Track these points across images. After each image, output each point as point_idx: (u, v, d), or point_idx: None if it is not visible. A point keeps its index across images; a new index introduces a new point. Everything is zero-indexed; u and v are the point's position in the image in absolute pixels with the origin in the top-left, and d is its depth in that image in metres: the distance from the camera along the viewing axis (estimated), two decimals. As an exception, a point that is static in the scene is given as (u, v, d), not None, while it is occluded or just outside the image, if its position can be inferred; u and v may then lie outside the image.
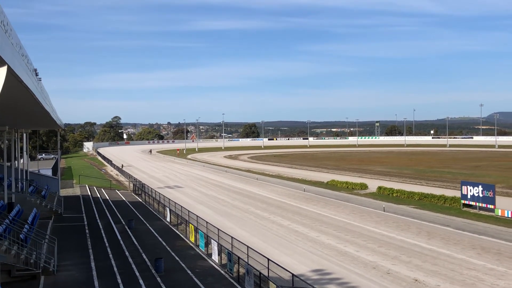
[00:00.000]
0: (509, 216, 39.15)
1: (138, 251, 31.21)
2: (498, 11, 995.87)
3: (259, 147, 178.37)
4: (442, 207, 45.36)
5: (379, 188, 56.39)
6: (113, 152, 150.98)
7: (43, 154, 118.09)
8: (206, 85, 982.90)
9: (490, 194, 41.14)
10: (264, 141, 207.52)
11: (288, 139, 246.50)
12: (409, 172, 79.45)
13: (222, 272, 26.19)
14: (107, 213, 46.41)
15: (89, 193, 60.36)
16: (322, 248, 31.53)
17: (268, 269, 23.04)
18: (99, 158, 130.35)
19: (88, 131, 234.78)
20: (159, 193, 52.50)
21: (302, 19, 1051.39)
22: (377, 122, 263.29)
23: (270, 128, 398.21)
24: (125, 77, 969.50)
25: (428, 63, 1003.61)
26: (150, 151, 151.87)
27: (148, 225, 40.13)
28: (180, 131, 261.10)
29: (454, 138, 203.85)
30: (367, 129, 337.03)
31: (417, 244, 31.97)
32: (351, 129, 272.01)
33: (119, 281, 24.59)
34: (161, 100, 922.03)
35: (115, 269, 26.87)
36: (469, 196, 43.19)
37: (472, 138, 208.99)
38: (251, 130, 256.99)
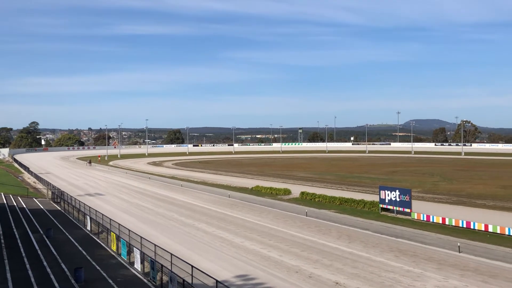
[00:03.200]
0: (425, 219, 41.04)
1: (57, 260, 30.10)
2: (412, 23, 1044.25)
3: (184, 154, 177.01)
4: (362, 211, 46.87)
5: (302, 193, 57.51)
6: (30, 159, 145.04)
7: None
8: (129, 90, 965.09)
9: (406, 198, 42.93)
10: (189, 147, 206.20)
11: (213, 145, 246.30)
12: (331, 177, 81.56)
13: (145, 280, 25.75)
14: (24, 222, 44.42)
15: (5, 201, 57.47)
16: (246, 253, 31.72)
17: (192, 276, 22.93)
18: (16, 165, 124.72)
19: (3, 137, 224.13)
20: (79, 201, 50.92)
21: (225, 26, 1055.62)
22: (300, 128, 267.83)
23: (195, 134, 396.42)
24: (43, 81, 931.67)
25: (347, 72, 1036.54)
26: (90, 161, 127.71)
27: (67, 234, 38.79)
28: (102, 137, 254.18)
29: (373, 144, 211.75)
30: (290, 135, 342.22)
31: (338, 247, 32.85)
32: (275, 135, 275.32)
33: (36, 293, 23.62)
34: (81, 106, 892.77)
35: (33, 279, 25.77)
36: (387, 201, 44.88)
37: (390, 144, 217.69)
38: (176, 136, 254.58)
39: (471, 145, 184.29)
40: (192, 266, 23.38)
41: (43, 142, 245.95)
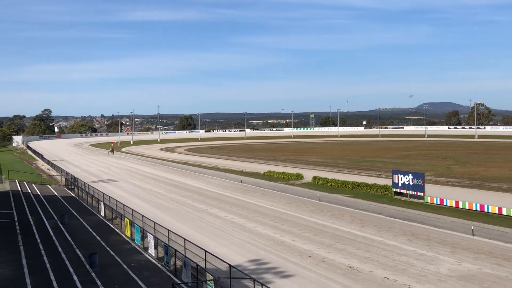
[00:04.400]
0: (438, 203, 40.85)
1: (72, 246, 30.42)
2: (424, 5, 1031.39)
3: (195, 139, 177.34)
4: (375, 196, 46.75)
5: (314, 178, 57.44)
6: (44, 146, 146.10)
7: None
8: (141, 76, 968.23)
9: (419, 182, 42.72)
10: (201, 133, 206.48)
11: (225, 131, 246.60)
12: (343, 162, 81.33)
13: (159, 265, 25.95)
14: (39, 208, 44.90)
15: (19, 189, 58.08)
16: (259, 238, 31.81)
17: (206, 261, 23.06)
18: (30, 152, 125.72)
19: (17, 125, 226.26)
20: (93, 187, 51.28)
21: (235, 10, 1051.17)
22: (312, 113, 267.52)
23: (207, 120, 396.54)
24: (55, 69, 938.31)
25: (359, 55, 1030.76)
26: (112, 149, 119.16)
27: (81, 220, 39.15)
28: (114, 124, 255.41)
29: (385, 128, 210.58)
30: (302, 120, 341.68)
31: (351, 232, 32.84)
32: (287, 120, 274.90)
33: (52, 277, 23.91)
34: (94, 92, 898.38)
35: (48, 265, 26.10)
36: (400, 184, 44.70)
37: (402, 128, 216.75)
38: (188, 122, 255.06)
39: (484, 128, 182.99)
40: (206, 251, 23.50)
41: (56, 129, 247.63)
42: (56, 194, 55.22)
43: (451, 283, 22.13)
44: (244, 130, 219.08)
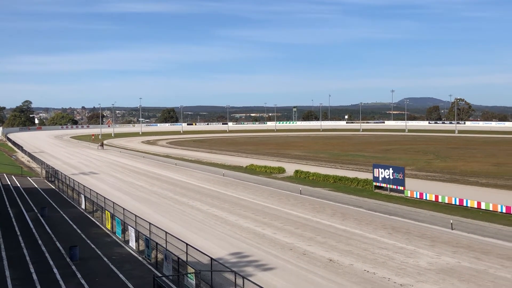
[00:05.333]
0: (418, 197, 41.28)
1: (52, 239, 30.21)
2: (407, 0, 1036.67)
3: (178, 132, 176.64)
4: (356, 189, 47.07)
5: (296, 171, 57.65)
6: (24, 137, 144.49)
7: None
8: (123, 69, 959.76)
9: (400, 176, 43.10)
10: (183, 126, 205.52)
11: (208, 124, 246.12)
12: (325, 156, 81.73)
13: (140, 258, 25.88)
14: (19, 201, 44.46)
15: (-2, 181, 57.44)
16: (240, 231, 31.87)
17: (187, 253, 23.06)
18: (9, 144, 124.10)
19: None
20: (74, 179, 50.85)
21: (219, 3, 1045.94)
22: (294, 107, 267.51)
23: (189, 113, 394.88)
24: (36, 60, 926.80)
25: (341, 50, 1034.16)
26: (102, 144, 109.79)
27: (62, 212, 38.86)
28: (95, 116, 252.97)
29: (367, 122, 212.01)
30: (285, 114, 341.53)
31: (332, 225, 33.05)
32: (270, 114, 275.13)
33: (32, 270, 23.77)
34: (74, 84, 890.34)
35: (28, 258, 25.92)
36: (380, 179, 45.05)
37: (383, 122, 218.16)
38: (170, 115, 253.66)
39: (464, 123, 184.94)
40: (187, 244, 23.49)
41: (36, 121, 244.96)
42: (36, 186, 54.68)
43: (430, 276, 22.41)
44: (226, 124, 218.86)
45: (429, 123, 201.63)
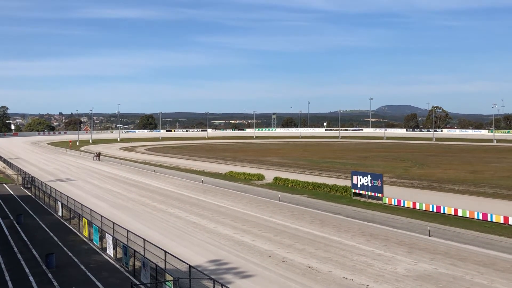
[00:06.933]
0: (396, 204, 41.59)
1: (28, 246, 29.74)
2: (384, 9, 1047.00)
3: (156, 139, 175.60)
4: (334, 196, 47.26)
5: (275, 178, 57.71)
6: (0, 143, 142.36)
7: None
8: (101, 74, 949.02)
9: (378, 183, 43.41)
10: (162, 133, 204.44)
11: (187, 130, 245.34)
12: (304, 162, 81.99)
13: (118, 266, 25.60)
14: (-7, 208, 43.69)
15: (-28, 188, 56.46)
16: (219, 238, 31.73)
17: (165, 261, 22.87)
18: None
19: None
20: (50, 186, 50.18)
21: (196, 10, 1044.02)
22: (273, 114, 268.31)
23: (168, 119, 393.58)
24: (12, 65, 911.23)
25: (320, 57, 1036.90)
26: (99, 154, 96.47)
27: (38, 220, 38.29)
28: (73, 122, 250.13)
29: (345, 130, 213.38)
30: (264, 121, 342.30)
31: (310, 232, 33.10)
32: (249, 121, 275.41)
33: (7, 278, 23.39)
34: (52, 90, 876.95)
35: (3, 266, 25.48)
36: (359, 186, 45.32)
37: (362, 130, 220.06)
38: (148, 122, 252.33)
39: (441, 131, 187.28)
40: (165, 252, 23.30)
41: (13, 127, 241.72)
42: (12, 193, 53.84)
43: (407, 283, 22.56)
44: (206, 130, 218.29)
45: (406, 130, 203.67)
